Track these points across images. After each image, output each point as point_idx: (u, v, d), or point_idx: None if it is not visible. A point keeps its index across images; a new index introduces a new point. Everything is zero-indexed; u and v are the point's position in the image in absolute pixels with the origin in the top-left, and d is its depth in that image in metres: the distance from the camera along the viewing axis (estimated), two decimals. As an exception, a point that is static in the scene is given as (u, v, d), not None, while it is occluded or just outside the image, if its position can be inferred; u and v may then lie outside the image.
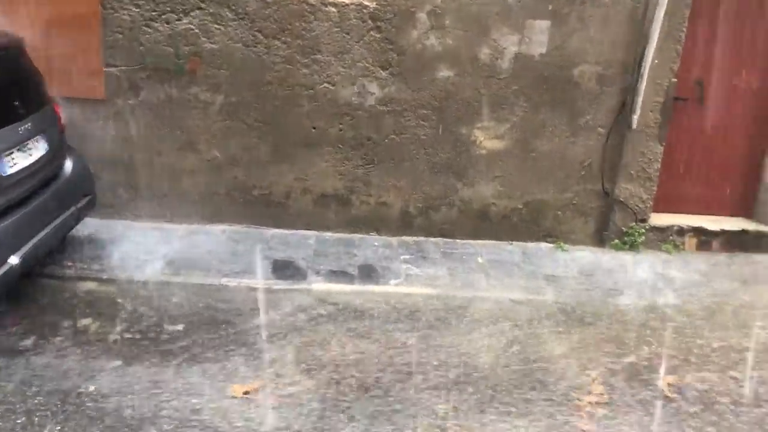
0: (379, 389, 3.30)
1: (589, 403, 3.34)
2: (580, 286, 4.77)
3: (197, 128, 4.90)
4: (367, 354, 3.61)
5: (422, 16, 4.80)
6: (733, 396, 3.53)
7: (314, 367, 3.44)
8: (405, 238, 5.21)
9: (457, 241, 5.24)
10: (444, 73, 4.91)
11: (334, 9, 4.71)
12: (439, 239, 5.23)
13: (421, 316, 4.09)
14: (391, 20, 4.78)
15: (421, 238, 5.23)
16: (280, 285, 4.34)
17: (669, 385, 3.58)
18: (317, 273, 4.52)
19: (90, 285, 4.13)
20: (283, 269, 4.53)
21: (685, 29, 5.05)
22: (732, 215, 5.75)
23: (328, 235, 5.17)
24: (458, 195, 5.19)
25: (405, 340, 3.79)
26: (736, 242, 5.60)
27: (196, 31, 4.69)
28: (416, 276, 4.64)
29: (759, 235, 5.62)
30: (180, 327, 3.72)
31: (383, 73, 4.88)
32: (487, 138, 5.10)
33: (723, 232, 5.57)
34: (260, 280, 4.37)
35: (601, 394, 3.43)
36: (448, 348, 3.75)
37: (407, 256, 4.94)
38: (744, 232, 5.58)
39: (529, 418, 3.17)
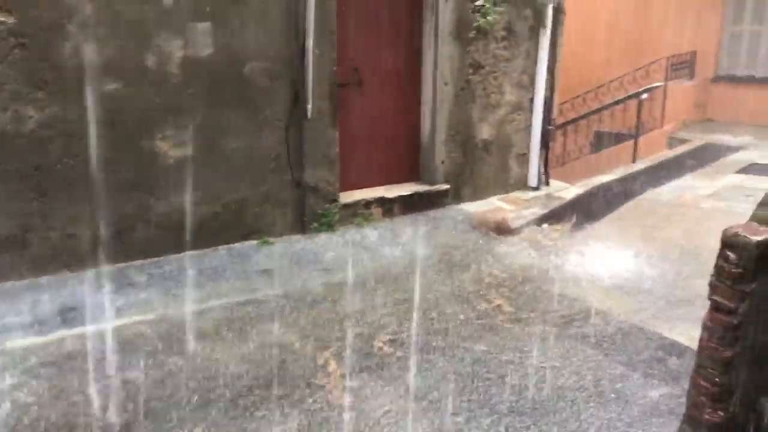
0: (123, 434, 3.04)
1: (333, 381, 3.52)
2: (293, 273, 4.94)
3: None
4: (98, 400, 3.27)
5: (73, 28, 4.39)
6: (433, 335, 4.05)
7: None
8: (104, 268, 4.78)
9: (162, 258, 4.99)
10: (111, 86, 4.58)
11: (-39, 27, 4.06)
12: (142, 261, 4.92)
13: (144, 345, 3.82)
14: (37, 35, 4.28)
15: (123, 265, 4.85)
16: (-35, 355, 3.67)
17: (383, 342, 3.94)
18: (8, 330, 3.92)
19: None
20: (-37, 337, 3.83)
21: (335, 21, 5.47)
22: (406, 181, 6.49)
23: (8, 285, 4.49)
24: (153, 210, 4.94)
25: (134, 374, 3.52)
26: (411, 204, 6.33)
27: None
28: (127, 305, 4.31)
29: (427, 194, 6.44)
30: None
31: (40, 94, 4.37)
32: (171, 147, 4.92)
33: (400, 198, 6.25)
34: (-65, 356, 3.64)
35: (337, 369, 3.64)
36: (183, 369, 3.58)
37: (112, 287, 4.55)
38: (416, 194, 6.34)
39: (284, 414, 3.22)
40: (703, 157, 9.31)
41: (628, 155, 10.20)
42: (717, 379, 2.06)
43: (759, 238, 1.93)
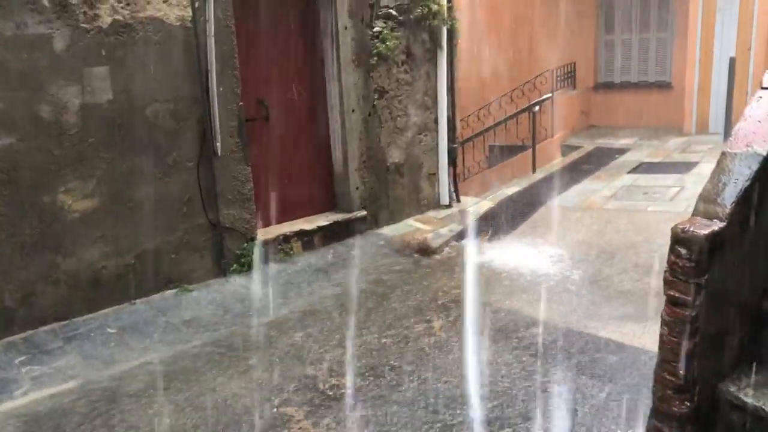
0: None
1: (294, 424, 3.37)
2: (220, 319, 4.74)
3: None
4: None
5: (-46, 81, 4.06)
6: (379, 365, 3.99)
7: None
8: (11, 338, 4.37)
9: (76, 319, 4.64)
10: (3, 141, 4.25)
11: None
12: (54, 325, 4.54)
13: (71, 416, 3.52)
14: None
15: (32, 332, 4.46)
16: None
17: (330, 379, 3.83)
18: None
19: None
20: None
21: (236, 56, 5.36)
22: (323, 211, 6.41)
23: None
24: (61, 269, 4.59)
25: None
26: (331, 234, 6.26)
27: None
28: (44, 376, 3.97)
29: (345, 221, 6.39)
30: None
31: None
32: (75, 200, 4.62)
33: (319, 229, 6.16)
34: None
35: (298, 413, 3.49)
36: (120, 437, 3.34)
37: (23, 358, 4.18)
38: (335, 223, 6.28)
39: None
40: (596, 161, 9.82)
41: (526, 166, 10.58)
42: (681, 372, 2.12)
43: (706, 231, 2.01)
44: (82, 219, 4.68)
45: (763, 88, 2.32)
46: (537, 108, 9.83)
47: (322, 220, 6.25)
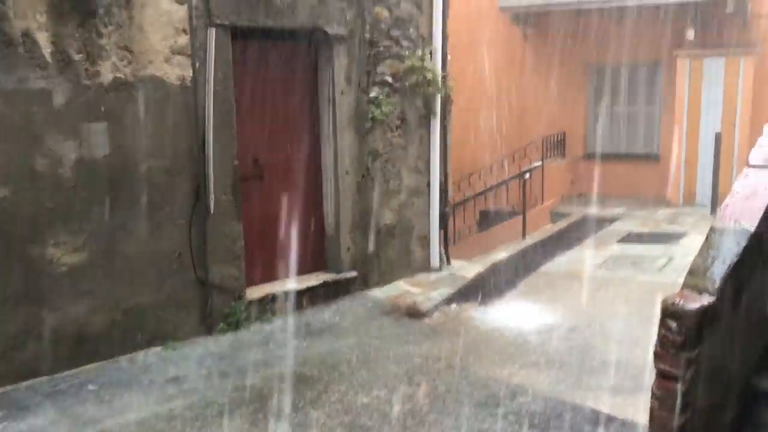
0: None
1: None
2: (204, 379, 4.66)
3: None
4: None
5: (-48, 132, 4.10)
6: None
7: None
8: (-11, 393, 4.30)
9: (58, 375, 4.54)
10: (-3, 193, 4.27)
11: None
12: (35, 381, 4.44)
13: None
14: None
15: (12, 387, 4.36)
16: None
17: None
18: None
19: None
20: None
21: (235, 116, 5.45)
22: (314, 271, 6.39)
23: None
24: (45, 324, 4.52)
25: None
26: (320, 294, 6.23)
27: None
28: (21, 433, 3.87)
29: (335, 282, 6.37)
30: None
31: None
32: (64, 253, 4.59)
33: (308, 289, 6.14)
34: None
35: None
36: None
37: (0, 414, 4.08)
38: (325, 283, 6.26)
39: None
40: (585, 230, 9.89)
41: (515, 231, 10.65)
42: (672, 448, 2.09)
43: (696, 305, 2.03)
44: (70, 273, 4.64)
45: (749, 166, 2.38)
46: (527, 175, 9.97)
47: (312, 280, 6.23)
